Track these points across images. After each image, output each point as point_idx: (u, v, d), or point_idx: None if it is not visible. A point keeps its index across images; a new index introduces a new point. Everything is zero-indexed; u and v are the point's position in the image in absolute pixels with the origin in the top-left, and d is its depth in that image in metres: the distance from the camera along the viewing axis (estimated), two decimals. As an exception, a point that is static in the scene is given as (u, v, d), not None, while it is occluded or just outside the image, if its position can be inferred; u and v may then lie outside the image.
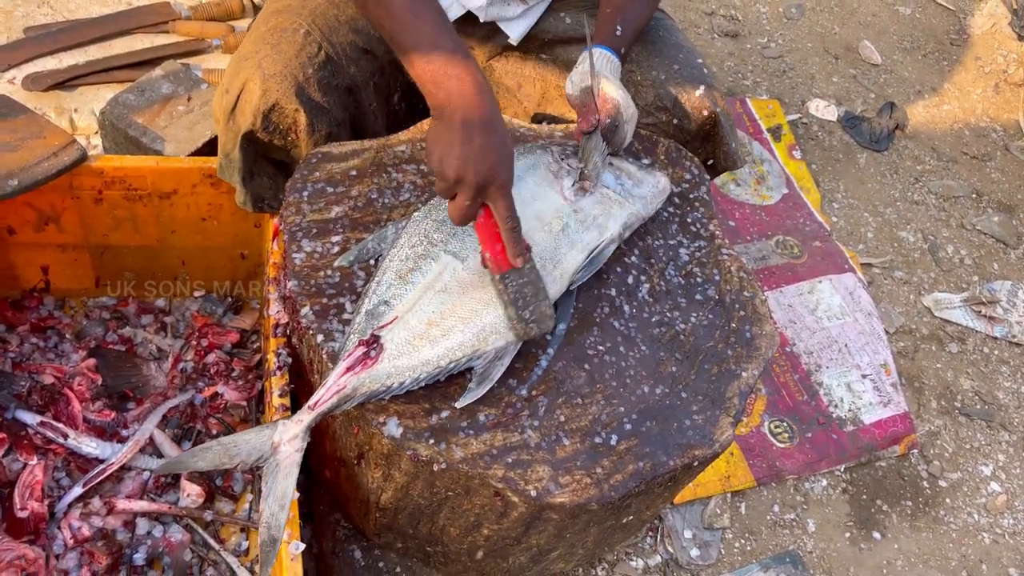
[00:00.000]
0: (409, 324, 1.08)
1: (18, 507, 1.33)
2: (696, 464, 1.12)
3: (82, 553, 1.35)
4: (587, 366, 1.15)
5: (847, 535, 1.75)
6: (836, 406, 1.87)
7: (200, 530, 1.43)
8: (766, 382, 1.88)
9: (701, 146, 1.45)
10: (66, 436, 1.42)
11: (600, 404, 1.12)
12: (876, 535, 1.76)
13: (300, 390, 1.24)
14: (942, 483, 1.86)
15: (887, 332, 2.06)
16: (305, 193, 1.23)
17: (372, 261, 1.17)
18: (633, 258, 1.27)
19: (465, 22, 1.40)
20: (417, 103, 1.54)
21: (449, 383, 1.09)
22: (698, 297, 1.25)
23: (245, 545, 1.43)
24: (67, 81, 1.94)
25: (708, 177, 1.40)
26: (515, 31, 1.42)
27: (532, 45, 1.47)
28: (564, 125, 1.41)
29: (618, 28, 1.30)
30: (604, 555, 1.59)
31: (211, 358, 1.61)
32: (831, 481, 1.81)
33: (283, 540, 1.09)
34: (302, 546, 1.09)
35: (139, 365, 1.58)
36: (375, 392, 1.05)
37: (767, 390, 1.87)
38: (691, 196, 1.36)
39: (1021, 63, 2.87)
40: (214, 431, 1.52)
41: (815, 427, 1.83)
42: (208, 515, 1.43)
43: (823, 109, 2.60)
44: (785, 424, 1.82)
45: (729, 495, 1.72)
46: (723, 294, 1.26)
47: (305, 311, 1.11)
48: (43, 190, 1.40)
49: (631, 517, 1.21)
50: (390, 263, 1.13)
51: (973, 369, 2.09)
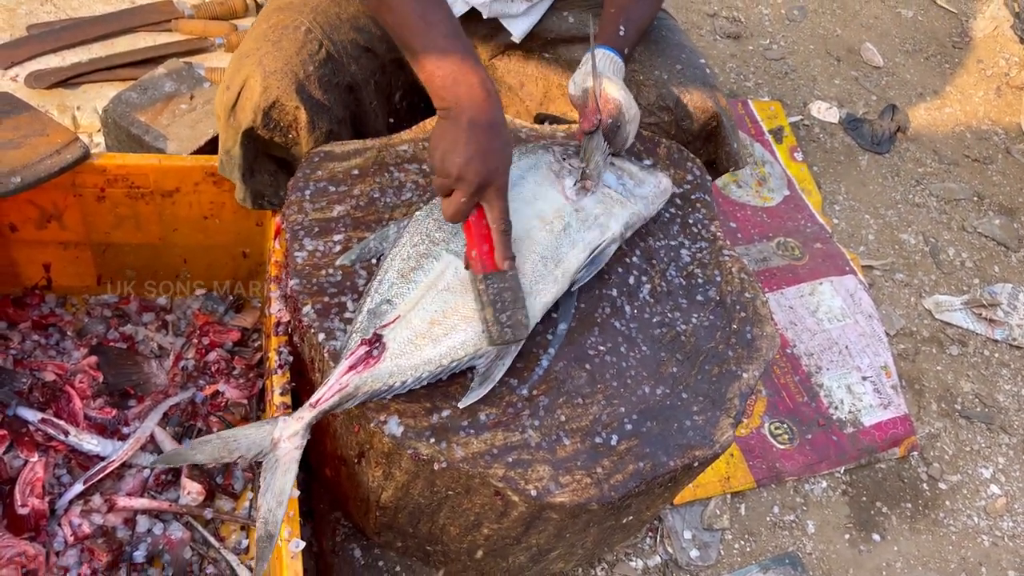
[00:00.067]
0: (411, 323, 1.08)
1: (19, 504, 1.33)
2: (696, 465, 1.12)
3: (82, 550, 1.35)
4: (588, 366, 1.15)
5: (846, 537, 1.74)
6: (836, 408, 1.87)
7: (200, 528, 1.43)
8: (766, 383, 1.88)
9: (703, 146, 1.45)
10: (67, 433, 1.43)
11: (601, 404, 1.12)
12: (876, 537, 1.76)
13: (301, 389, 1.24)
14: (942, 485, 1.86)
15: (888, 334, 2.06)
16: (307, 192, 1.23)
17: (374, 260, 1.17)
18: (634, 259, 1.27)
19: (468, 19, 1.39)
20: (418, 102, 1.55)
21: (450, 382, 1.09)
22: (699, 298, 1.25)
23: (245, 543, 1.44)
24: (70, 79, 1.94)
25: (710, 178, 1.40)
26: (518, 29, 1.42)
27: (535, 44, 1.47)
28: (566, 125, 1.41)
29: (621, 28, 1.31)
30: (604, 555, 1.59)
31: (212, 356, 1.61)
32: (831, 483, 1.81)
33: (283, 538, 1.09)
34: (302, 544, 1.09)
35: (140, 363, 1.58)
36: (377, 391, 1.05)
37: (767, 391, 1.87)
38: (693, 197, 1.36)
39: (1023, 66, 2.87)
40: (215, 429, 1.52)
41: (815, 429, 1.83)
42: (208, 513, 1.43)
43: (825, 111, 2.60)
44: (785, 425, 1.82)
45: (729, 496, 1.72)
46: (724, 295, 1.26)
47: (307, 310, 1.11)
48: (45, 187, 1.41)
49: (631, 517, 1.21)
50: (392, 262, 1.13)
51: (973, 372, 2.09)
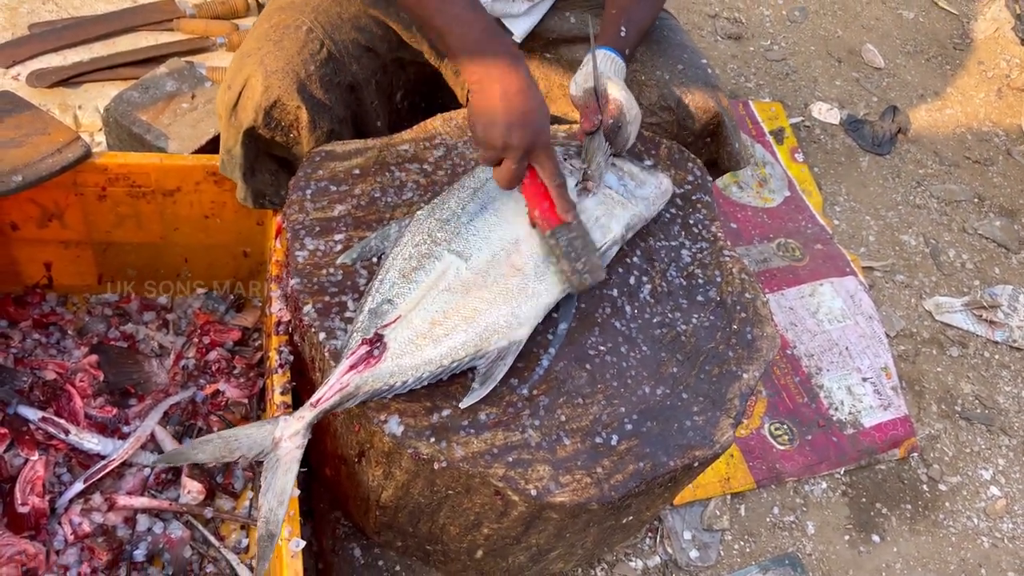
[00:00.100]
0: (413, 323, 1.08)
1: (19, 502, 1.34)
2: (696, 465, 1.12)
3: (82, 549, 1.35)
4: (588, 366, 1.15)
5: (846, 538, 1.74)
6: (836, 409, 1.87)
7: (200, 527, 1.43)
8: (766, 384, 1.88)
9: (704, 146, 1.45)
10: (67, 432, 1.43)
11: (601, 404, 1.12)
12: (875, 538, 1.76)
13: (301, 388, 1.24)
14: (942, 487, 1.86)
15: (888, 335, 2.06)
16: (308, 191, 1.23)
17: (375, 259, 1.17)
18: (635, 259, 1.27)
19: (469, 19, 1.40)
20: (419, 102, 1.55)
21: (450, 382, 1.09)
22: (699, 298, 1.25)
23: (245, 542, 1.44)
24: (72, 78, 1.94)
25: (711, 179, 1.41)
26: (519, 28, 1.42)
27: (536, 44, 1.47)
28: (567, 126, 1.41)
29: (623, 29, 1.31)
30: (603, 555, 1.59)
31: (213, 355, 1.61)
32: (831, 484, 1.81)
33: (284, 537, 1.09)
34: (302, 543, 1.09)
35: (141, 362, 1.58)
36: (378, 391, 1.05)
37: (767, 392, 1.87)
38: (693, 198, 1.36)
39: (1023, 68, 2.87)
40: (215, 428, 1.52)
41: (815, 429, 1.83)
42: (208, 512, 1.43)
43: (826, 112, 2.60)
44: (785, 426, 1.82)
45: (729, 497, 1.72)
46: (724, 296, 1.26)
47: (307, 309, 1.12)
48: (47, 186, 1.41)
49: (631, 517, 1.21)
50: (393, 261, 1.13)
51: (974, 373, 2.09)
